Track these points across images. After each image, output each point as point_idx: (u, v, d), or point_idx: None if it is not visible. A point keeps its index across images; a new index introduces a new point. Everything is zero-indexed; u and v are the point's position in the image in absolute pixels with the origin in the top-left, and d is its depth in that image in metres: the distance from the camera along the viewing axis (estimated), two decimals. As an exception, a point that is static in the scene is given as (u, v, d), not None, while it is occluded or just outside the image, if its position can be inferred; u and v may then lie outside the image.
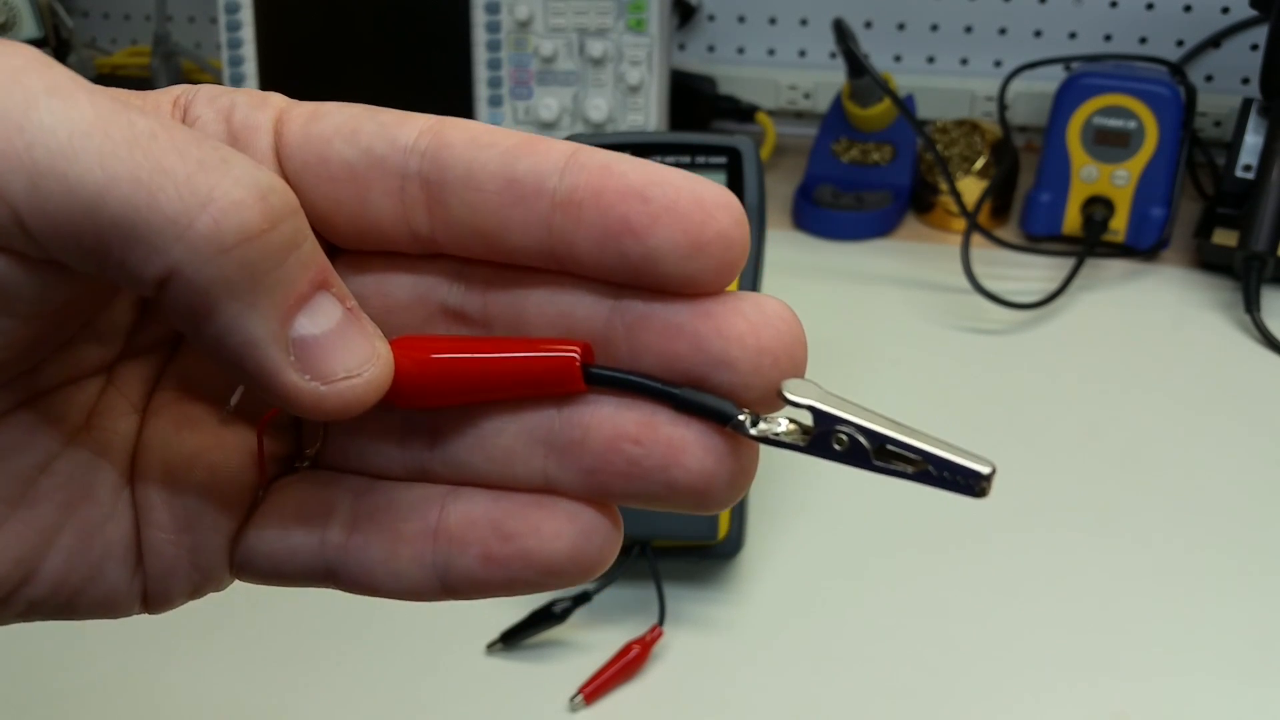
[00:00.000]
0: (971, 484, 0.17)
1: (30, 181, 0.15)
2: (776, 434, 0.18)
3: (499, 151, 0.18)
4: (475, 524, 0.19)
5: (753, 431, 0.18)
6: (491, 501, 0.19)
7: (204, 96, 0.20)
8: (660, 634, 0.45)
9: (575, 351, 0.18)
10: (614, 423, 0.19)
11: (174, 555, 0.20)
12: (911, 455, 0.18)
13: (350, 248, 0.20)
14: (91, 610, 0.20)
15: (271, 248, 0.16)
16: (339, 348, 0.17)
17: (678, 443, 0.18)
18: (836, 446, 0.18)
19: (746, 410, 0.18)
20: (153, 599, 0.21)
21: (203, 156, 0.16)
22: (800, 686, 0.44)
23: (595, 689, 0.43)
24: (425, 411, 0.20)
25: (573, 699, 0.43)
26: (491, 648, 0.45)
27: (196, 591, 0.21)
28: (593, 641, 0.45)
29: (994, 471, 0.17)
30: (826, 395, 0.18)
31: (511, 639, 0.45)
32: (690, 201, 0.17)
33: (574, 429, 0.19)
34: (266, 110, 0.19)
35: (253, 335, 0.16)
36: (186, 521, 0.20)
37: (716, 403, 0.18)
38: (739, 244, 0.17)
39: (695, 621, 0.47)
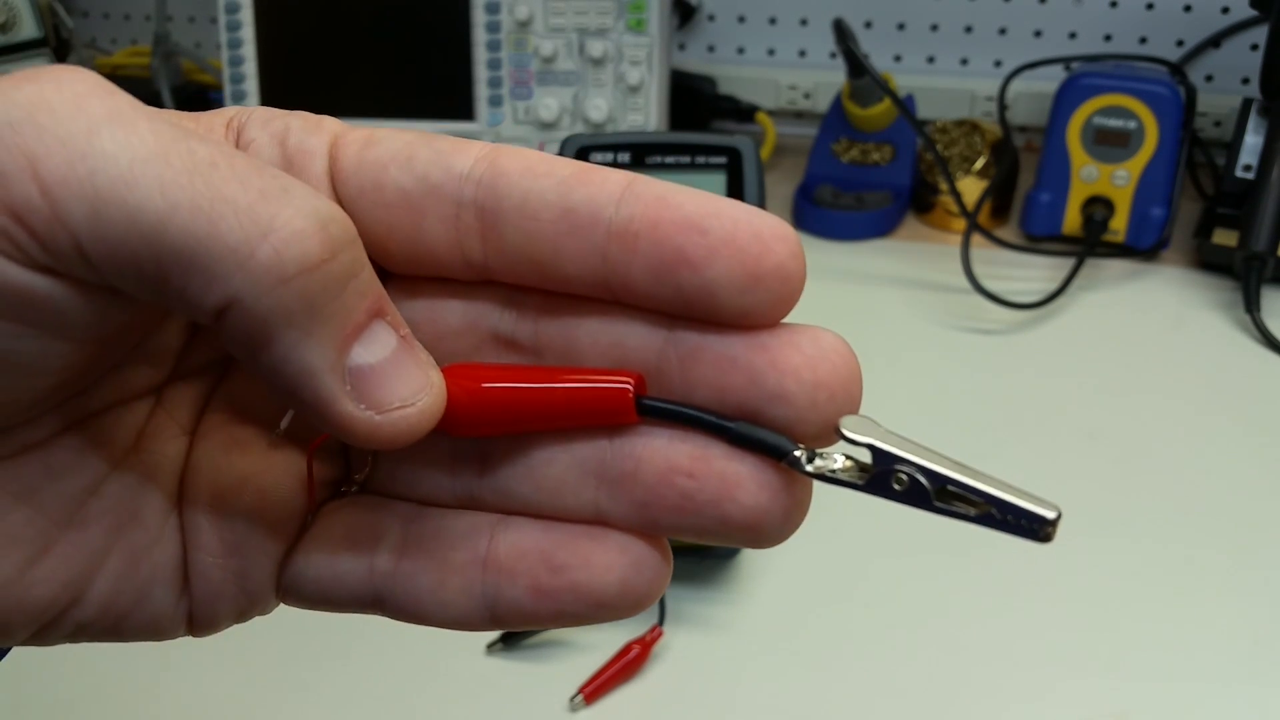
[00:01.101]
0: (1036, 528, 0.17)
1: (92, 209, 0.15)
2: (833, 471, 0.18)
3: (555, 181, 0.18)
4: (525, 555, 0.19)
5: (809, 468, 0.18)
6: (541, 532, 0.19)
7: (258, 119, 0.20)
8: (660, 634, 0.45)
9: (629, 382, 0.18)
10: (667, 455, 0.18)
11: (220, 579, 0.20)
12: (973, 497, 0.17)
13: (403, 273, 0.20)
14: (138, 633, 0.20)
15: (331, 278, 0.16)
16: (394, 377, 0.17)
17: (731, 477, 0.18)
18: (896, 486, 0.18)
19: (802, 446, 0.18)
20: (198, 622, 0.20)
21: (264, 185, 0.16)
22: (800, 687, 0.44)
23: (595, 689, 0.43)
24: (475, 439, 0.20)
25: (573, 699, 0.43)
26: (492, 647, 0.45)
27: (243, 615, 0.21)
28: (593, 641, 0.45)
29: (1059, 516, 0.17)
30: (887, 434, 0.18)
31: (512, 639, 0.45)
32: (748, 234, 0.17)
33: (626, 460, 0.19)
34: (321, 135, 0.19)
35: (310, 364, 0.16)
36: (234, 545, 0.20)
37: (772, 437, 0.18)
38: (796, 277, 0.17)
39: (695, 621, 0.47)
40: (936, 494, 0.18)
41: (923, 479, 0.18)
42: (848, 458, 0.18)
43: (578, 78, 0.87)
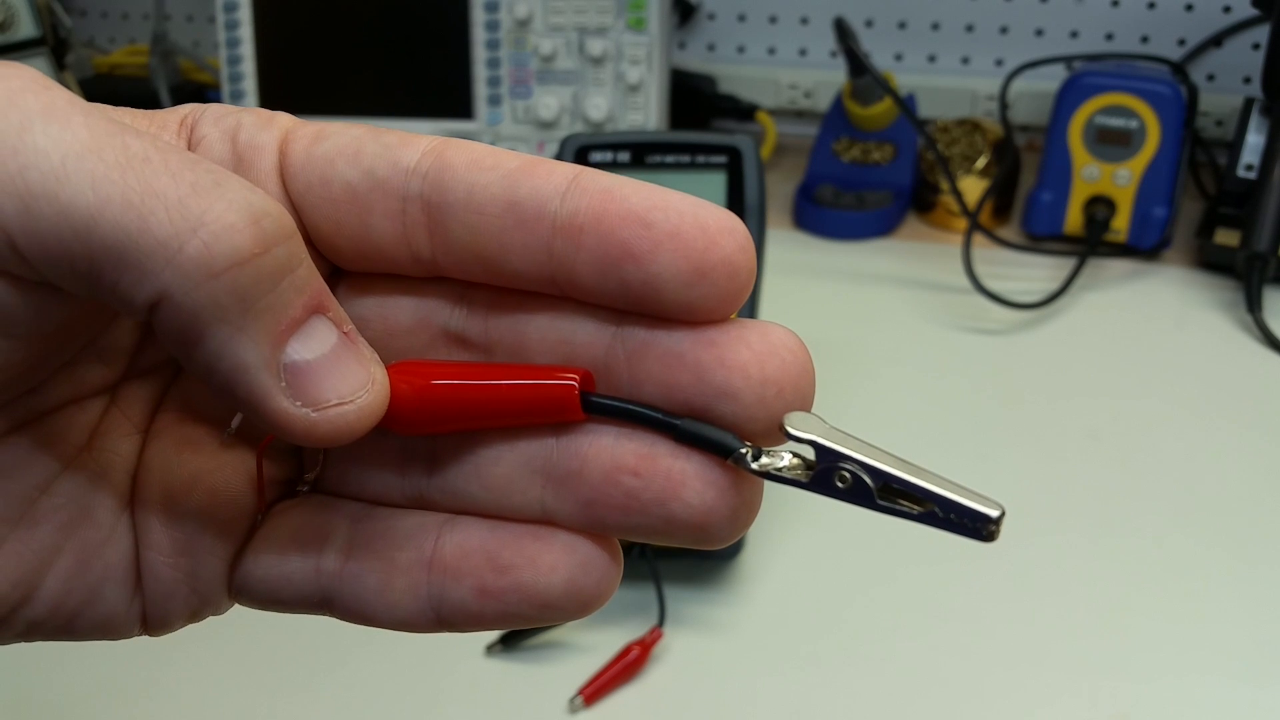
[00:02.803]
0: (979, 527, 0.17)
1: (23, 204, 0.15)
2: (779, 469, 0.18)
3: (501, 174, 0.18)
4: (470, 555, 0.19)
5: (754, 466, 0.18)
6: (488, 532, 0.19)
7: (210, 116, 0.19)
8: (660, 635, 0.45)
9: (574, 379, 0.18)
10: (612, 453, 0.18)
11: (172, 578, 0.20)
12: (917, 495, 0.17)
13: (353, 270, 0.20)
14: (90, 632, 0.20)
15: (263, 272, 0.16)
16: (332, 373, 0.17)
17: (677, 476, 0.18)
18: (839, 484, 0.18)
19: (749, 444, 0.18)
20: (152, 622, 0.20)
21: (196, 179, 0.16)
22: (800, 688, 0.44)
23: (595, 690, 0.43)
24: (425, 438, 0.20)
25: (572, 700, 0.43)
26: (491, 649, 0.45)
27: (195, 615, 0.21)
28: (592, 643, 0.45)
29: (1003, 515, 0.17)
30: (831, 430, 0.17)
31: (511, 640, 0.45)
32: (694, 227, 0.17)
33: (572, 459, 0.18)
34: (272, 130, 0.19)
35: (243, 360, 0.16)
36: (184, 545, 0.20)
37: (718, 435, 0.18)
38: (744, 271, 0.17)
39: (695, 622, 0.47)
40: (880, 492, 0.17)
41: (866, 477, 0.17)
42: (795, 456, 0.18)
43: (577, 77, 0.87)
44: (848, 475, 0.17)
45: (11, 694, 0.44)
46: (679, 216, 0.17)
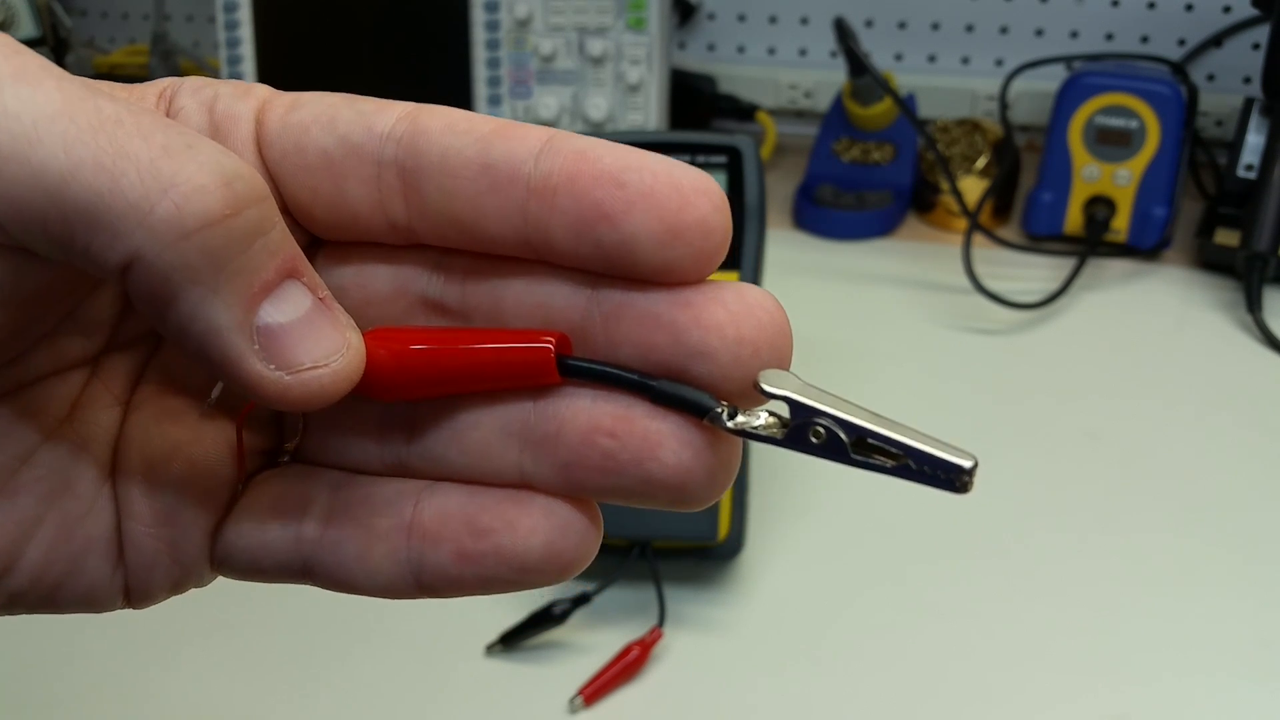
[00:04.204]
0: (952, 478, 0.17)
1: None
2: (755, 427, 0.18)
3: (474, 138, 0.18)
4: (449, 520, 0.19)
5: (730, 425, 0.18)
6: (466, 497, 0.19)
7: (189, 88, 0.19)
8: (660, 635, 0.45)
9: (550, 342, 0.18)
10: (589, 415, 0.18)
11: (154, 549, 0.20)
12: (890, 449, 0.17)
13: (331, 238, 0.20)
14: (73, 604, 0.20)
15: (235, 234, 0.16)
16: (306, 337, 0.17)
17: (654, 436, 0.18)
18: (813, 439, 0.17)
19: (725, 403, 0.18)
20: (134, 594, 0.20)
21: (168, 142, 0.16)
22: (800, 688, 0.44)
23: (595, 690, 0.43)
24: (403, 404, 0.20)
25: (572, 700, 0.43)
26: (491, 649, 0.45)
27: (178, 587, 0.21)
28: (592, 643, 0.45)
29: (975, 465, 0.17)
30: (805, 387, 0.17)
31: (511, 640, 0.45)
32: (667, 187, 0.17)
33: (549, 422, 0.18)
34: (249, 100, 0.19)
35: (215, 322, 0.16)
36: (166, 515, 0.20)
37: (694, 395, 0.18)
38: (719, 231, 0.17)
39: (695, 622, 0.47)
40: (854, 446, 0.17)
41: (840, 431, 0.17)
42: (770, 414, 0.18)
43: (577, 77, 0.87)
44: (822, 430, 0.17)
45: (12, 694, 0.44)
46: (653, 176, 0.17)
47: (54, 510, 0.19)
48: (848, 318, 0.72)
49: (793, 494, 0.54)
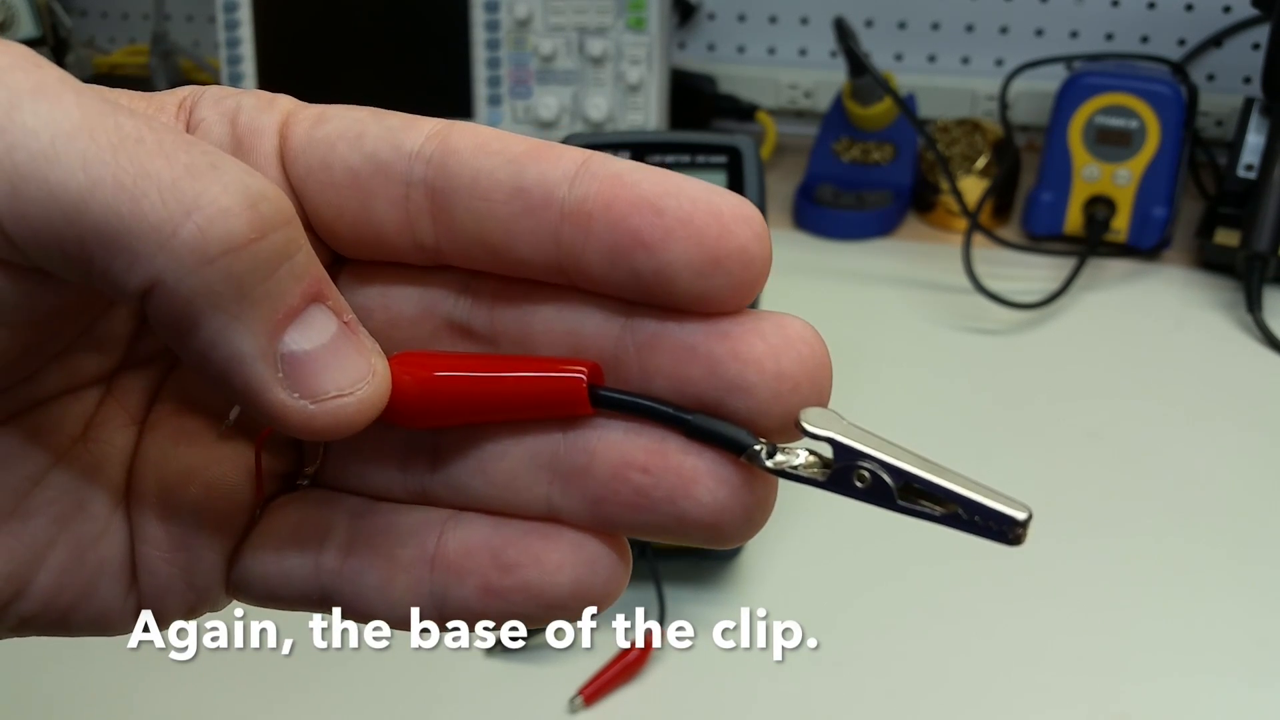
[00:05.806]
0: (1005, 530, 0.16)
1: (10, 186, 0.14)
2: (794, 467, 0.17)
3: (507, 159, 0.17)
4: (474, 553, 0.18)
5: (769, 463, 0.17)
6: (492, 529, 0.18)
7: (210, 98, 0.19)
8: (660, 635, 0.45)
9: (582, 372, 0.17)
10: (621, 449, 0.17)
11: (168, 574, 0.19)
12: (940, 496, 0.16)
13: (355, 257, 0.19)
14: (85, 628, 0.20)
15: (260, 258, 0.15)
16: (331, 364, 0.16)
17: (688, 473, 0.17)
18: (858, 484, 0.17)
19: (763, 440, 0.17)
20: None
21: (190, 161, 0.15)
22: (800, 688, 0.44)
23: (595, 690, 0.43)
24: (428, 432, 0.19)
25: (572, 700, 0.43)
26: (491, 649, 0.45)
27: (192, 612, 0.20)
28: (592, 643, 0.45)
29: (1029, 517, 0.16)
30: (849, 428, 0.17)
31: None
32: (706, 214, 0.16)
33: (579, 454, 0.18)
34: (273, 113, 0.18)
35: (238, 350, 0.15)
36: (181, 540, 0.19)
37: (731, 431, 0.17)
38: (759, 261, 0.16)
39: (695, 622, 0.46)
40: (900, 492, 0.17)
41: (886, 476, 0.17)
42: (811, 453, 0.17)
43: (577, 77, 0.87)
44: (867, 474, 0.17)
45: (12, 694, 0.44)
46: (692, 203, 0.16)
47: (67, 533, 0.19)
48: (848, 318, 0.72)
49: (793, 494, 0.54)
